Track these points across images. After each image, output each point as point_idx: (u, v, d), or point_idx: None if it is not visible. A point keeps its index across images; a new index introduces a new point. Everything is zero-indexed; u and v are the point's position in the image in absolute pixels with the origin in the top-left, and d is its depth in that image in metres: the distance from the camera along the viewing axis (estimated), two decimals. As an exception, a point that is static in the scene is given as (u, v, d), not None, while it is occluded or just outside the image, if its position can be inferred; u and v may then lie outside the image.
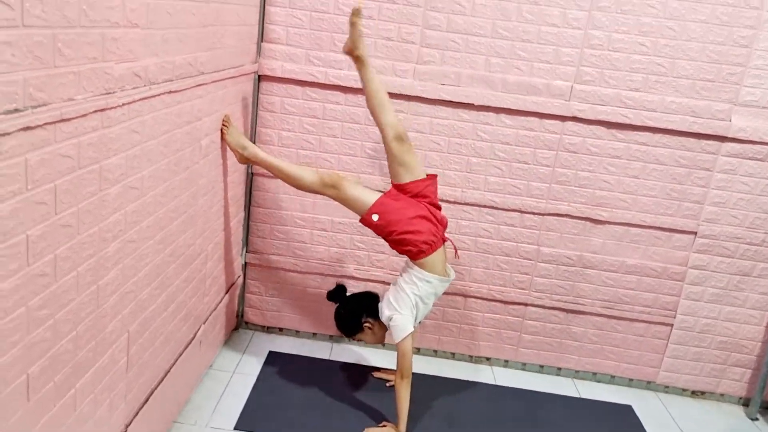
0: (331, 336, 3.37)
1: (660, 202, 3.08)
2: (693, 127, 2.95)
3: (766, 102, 2.92)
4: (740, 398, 3.30)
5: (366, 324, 2.69)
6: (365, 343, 2.80)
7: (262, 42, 2.93)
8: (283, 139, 3.06)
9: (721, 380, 3.28)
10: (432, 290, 2.60)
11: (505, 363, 3.37)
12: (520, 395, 3.12)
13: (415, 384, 2.66)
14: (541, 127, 3.00)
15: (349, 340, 3.35)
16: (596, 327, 3.26)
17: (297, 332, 3.37)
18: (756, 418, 3.19)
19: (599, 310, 3.22)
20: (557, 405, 3.08)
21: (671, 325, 3.23)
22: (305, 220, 3.16)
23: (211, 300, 2.78)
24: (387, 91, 2.71)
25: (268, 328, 3.38)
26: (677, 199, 3.07)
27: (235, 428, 2.59)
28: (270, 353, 3.18)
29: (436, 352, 3.37)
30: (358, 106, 3.00)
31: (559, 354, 3.32)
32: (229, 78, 2.53)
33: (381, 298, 2.70)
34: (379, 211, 2.51)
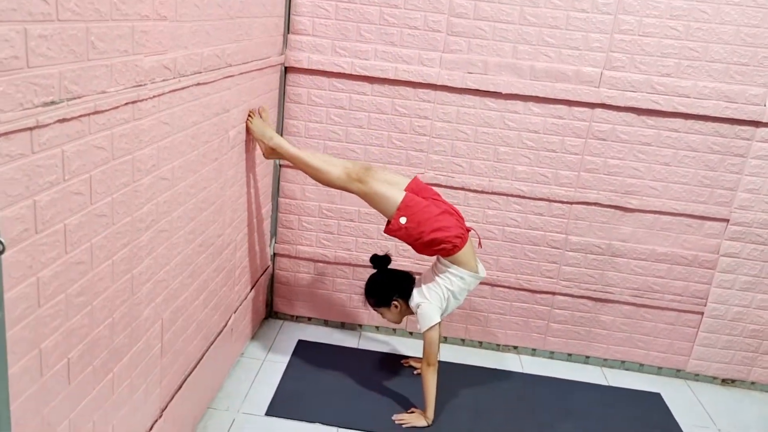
0: (360, 326, 3.40)
1: (692, 189, 3.03)
2: (726, 112, 2.89)
3: (802, 85, 2.85)
4: (774, 388, 3.26)
5: (394, 302, 2.70)
6: (382, 317, 2.80)
7: (288, 34, 2.95)
8: (310, 130, 3.08)
9: (752, 368, 3.23)
10: (465, 286, 2.61)
11: (532, 352, 3.36)
12: (547, 383, 3.11)
13: (442, 372, 2.67)
14: (570, 115, 2.97)
15: (377, 329, 3.38)
16: (625, 316, 3.23)
17: (326, 322, 3.41)
18: (790, 409, 3.14)
19: (628, 298, 3.19)
20: (585, 392, 3.07)
21: (702, 313, 3.19)
22: (332, 210, 3.19)
23: (242, 290, 2.82)
24: (411, 80, 2.73)
25: (297, 317, 3.42)
26: (709, 186, 3.02)
27: (266, 414, 2.64)
28: (299, 342, 3.22)
29: (463, 341, 3.38)
30: (384, 96, 3.00)
31: (588, 342, 3.30)
32: (257, 70, 2.55)
33: (416, 284, 2.71)
34: (407, 213, 2.49)
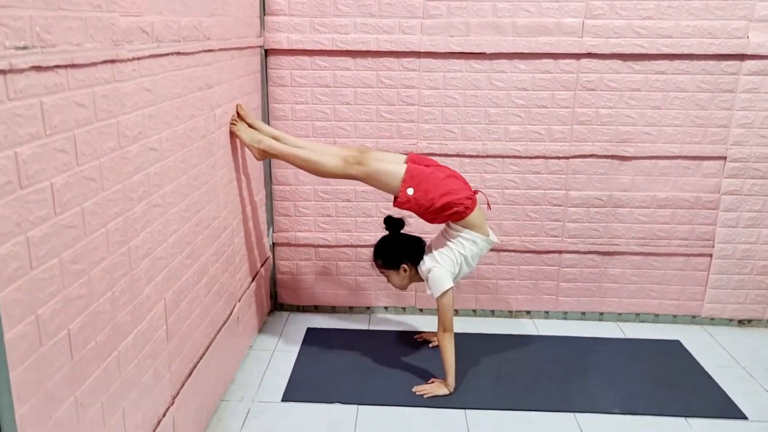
0: (368, 308, 3.34)
1: (685, 130, 3.00)
2: (711, 48, 2.87)
3: (783, 13, 2.83)
4: (792, 323, 3.22)
5: (403, 265, 2.64)
6: (388, 280, 2.73)
7: (265, 15, 2.91)
8: (296, 112, 3.04)
9: (767, 306, 3.20)
10: (478, 251, 2.56)
11: (545, 315, 3.31)
12: (564, 342, 3.06)
13: (458, 343, 2.62)
14: (557, 68, 2.94)
15: (386, 309, 3.32)
16: (634, 266, 3.19)
17: (333, 308, 3.35)
18: (811, 341, 3.10)
19: (635, 248, 3.15)
20: (604, 347, 3.02)
21: (710, 255, 3.15)
22: (328, 192, 3.14)
23: (243, 278, 2.77)
24: (394, 50, 2.72)
25: (303, 307, 3.36)
26: (702, 126, 2.99)
27: (283, 400, 2.57)
28: (308, 330, 3.16)
29: (475, 311, 3.33)
30: (369, 69, 2.97)
31: (600, 299, 3.25)
32: (236, 48, 2.52)
33: (426, 251, 2.65)
34: (413, 183, 2.45)
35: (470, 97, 2.99)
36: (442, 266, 2.53)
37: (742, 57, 2.89)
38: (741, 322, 3.24)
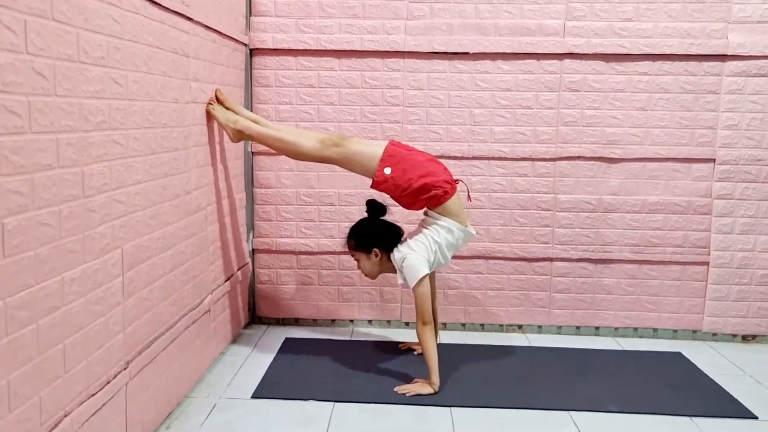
0: (352, 321, 3.17)
1: (672, 132, 2.97)
2: (691, 49, 2.88)
3: (759, 16, 2.88)
4: (798, 336, 3.04)
5: (375, 250, 2.51)
6: (358, 265, 2.59)
7: (251, 16, 2.95)
8: (280, 112, 3.02)
9: (772, 318, 3.04)
10: (452, 240, 2.45)
11: (538, 329, 3.14)
12: (559, 353, 2.88)
13: (445, 353, 2.50)
14: (540, 69, 2.95)
15: (369, 323, 3.16)
16: (629, 275, 3.06)
17: (314, 321, 3.19)
18: (820, 353, 2.92)
19: (628, 255, 3.03)
20: (600, 356, 2.84)
21: (707, 263, 3.03)
22: (311, 195, 3.06)
23: (217, 272, 2.64)
24: (378, 50, 2.78)
25: (283, 320, 3.20)
26: (689, 127, 2.96)
27: (253, 397, 2.38)
28: (287, 339, 2.98)
29: (464, 325, 3.16)
30: (353, 70, 2.97)
31: (595, 311, 3.10)
32: (218, 33, 2.52)
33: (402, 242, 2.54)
34: (391, 163, 2.39)
35: (455, 97, 2.98)
36: (416, 252, 2.41)
37: (723, 58, 2.90)
38: (745, 338, 3.07)
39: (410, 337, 2.99)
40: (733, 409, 2.35)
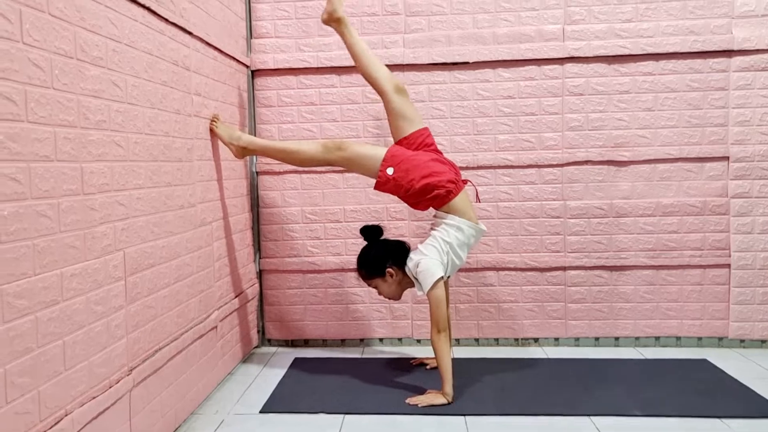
0: (362, 340, 3.10)
1: (682, 131, 2.92)
2: (695, 46, 2.86)
3: (763, 9, 2.86)
4: (829, 337, 2.91)
5: (389, 270, 2.46)
6: (378, 292, 2.53)
7: (252, 39, 2.99)
8: (283, 131, 3.03)
9: (801, 320, 2.91)
10: (464, 239, 2.39)
11: (555, 342, 3.04)
12: (577, 363, 2.77)
13: (459, 366, 2.43)
14: (541, 74, 2.94)
15: (381, 341, 3.08)
16: (647, 282, 2.97)
17: (324, 341, 3.12)
18: None
19: (645, 261, 2.95)
20: (622, 367, 2.72)
21: (728, 265, 2.93)
22: (316, 213, 3.04)
23: (225, 289, 2.60)
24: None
25: (292, 341, 3.13)
26: (699, 126, 2.92)
27: (261, 412, 2.31)
28: (296, 359, 2.91)
29: (477, 340, 3.07)
30: (354, 85, 2.98)
31: (613, 321, 2.99)
32: (218, 50, 2.55)
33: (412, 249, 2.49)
34: (393, 163, 2.38)
35: (456, 107, 2.97)
36: (428, 256, 2.36)
37: (729, 53, 2.88)
38: (773, 342, 2.95)
39: (423, 353, 2.91)
40: (764, 410, 2.23)
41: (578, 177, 2.96)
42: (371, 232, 2.56)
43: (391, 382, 2.56)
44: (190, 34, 2.25)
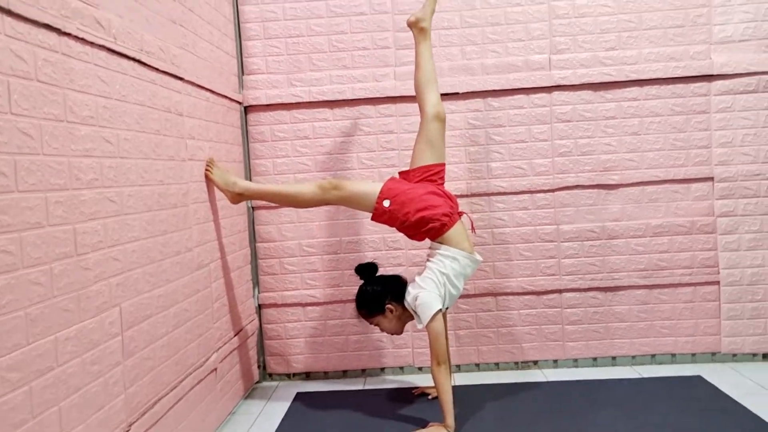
0: (364, 371, 3.13)
1: (667, 154, 2.97)
2: (677, 71, 2.92)
3: (739, 35, 2.92)
4: (821, 351, 2.96)
5: (388, 306, 2.49)
6: (381, 329, 2.57)
7: (243, 75, 3.04)
8: (278, 166, 3.06)
9: (792, 334, 2.96)
10: (460, 269, 2.43)
11: (554, 363, 3.07)
12: (576, 386, 2.81)
13: (460, 394, 2.46)
14: (530, 103, 2.99)
15: (382, 371, 3.11)
16: (640, 301, 3.01)
17: (325, 374, 3.14)
18: None
19: (637, 281, 2.99)
20: (619, 386, 2.76)
21: (717, 282, 2.98)
22: (313, 246, 3.07)
23: (224, 329, 2.62)
24: (369, 97, 2.88)
25: (293, 375, 3.15)
26: (684, 148, 2.97)
27: (264, 453, 2.33)
28: (298, 394, 2.93)
29: (478, 365, 3.10)
30: (347, 118, 3.03)
31: (610, 341, 3.03)
32: (210, 91, 2.59)
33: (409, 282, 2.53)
34: (389, 196, 2.43)
35: (448, 137, 2.98)
36: (426, 290, 2.40)
37: (709, 78, 2.94)
38: (765, 356, 2.99)
39: (425, 381, 2.94)
40: (758, 429, 2.26)
41: (570, 201, 3.00)
42: (366, 270, 2.60)
43: (394, 414, 2.59)
44: (181, 79, 2.29)
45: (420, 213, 2.38)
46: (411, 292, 2.45)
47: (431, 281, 2.41)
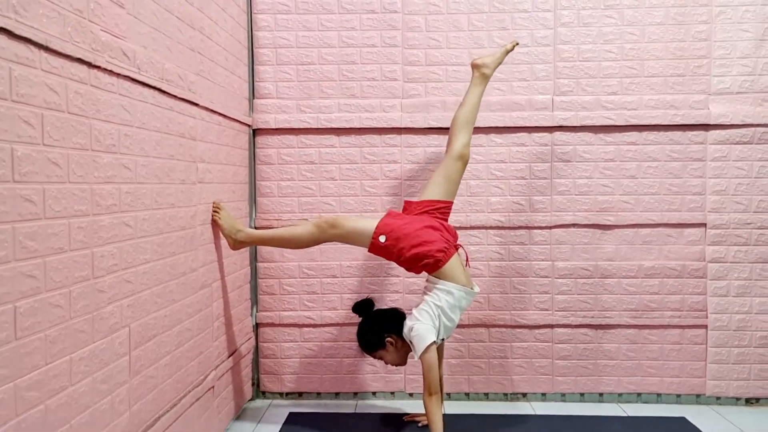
0: (356, 393, 3.18)
1: (662, 198, 3.06)
2: (675, 119, 3.01)
3: (737, 87, 3.02)
4: (804, 399, 3.03)
5: (388, 340, 2.56)
6: (384, 363, 2.64)
7: (254, 99, 3.11)
8: (282, 189, 3.13)
9: (776, 381, 3.03)
10: (455, 302, 2.49)
11: (542, 397, 3.13)
12: (563, 421, 2.86)
13: (449, 424, 2.50)
14: (531, 141, 3.07)
15: (374, 395, 3.16)
16: (629, 340, 3.08)
17: (318, 395, 3.19)
18: (826, 415, 2.90)
19: (628, 321, 3.06)
20: (605, 424, 2.82)
21: (705, 326, 3.05)
22: (313, 268, 3.13)
23: (222, 347, 2.68)
24: (376, 127, 2.94)
25: (286, 394, 3.20)
26: (679, 193, 3.05)
27: (255, 473, 2.38)
28: (290, 414, 2.98)
29: (468, 395, 3.16)
30: (352, 146, 3.10)
31: (598, 377, 3.10)
32: (223, 116, 2.66)
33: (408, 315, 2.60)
34: (385, 231, 2.50)
35: (450, 170, 3.08)
36: (421, 321, 2.46)
37: (706, 127, 3.03)
38: (749, 401, 3.06)
39: (415, 408, 2.99)
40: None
41: (566, 239, 3.08)
42: (363, 307, 2.68)
43: (382, 440, 2.64)
44: (196, 105, 2.36)
45: (414, 249, 2.45)
46: (407, 324, 2.52)
47: (426, 313, 2.47)
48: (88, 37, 1.58)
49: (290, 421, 2.89)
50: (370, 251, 2.54)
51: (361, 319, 2.69)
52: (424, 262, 2.47)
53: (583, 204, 3.07)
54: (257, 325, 3.17)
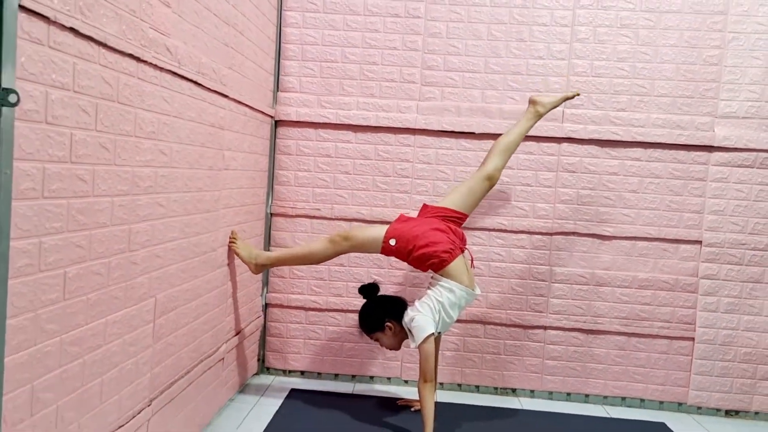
0: (354, 376, 3.35)
1: (662, 214, 3.20)
2: (680, 139, 3.15)
3: (743, 112, 3.14)
4: (780, 415, 3.18)
5: (388, 324, 2.73)
6: (380, 344, 2.81)
7: (278, 92, 3.27)
8: (299, 178, 3.30)
9: (753, 396, 3.18)
10: (455, 300, 2.65)
11: (531, 393, 3.30)
12: (549, 416, 3.03)
13: (442, 410, 2.65)
14: (540, 150, 3.22)
15: (371, 379, 3.34)
16: (618, 347, 3.23)
17: (319, 374, 3.37)
18: (800, 432, 3.04)
19: (618, 328, 3.22)
20: (588, 423, 2.99)
21: (692, 339, 3.20)
22: (322, 256, 3.30)
23: (233, 324, 2.86)
24: (391, 126, 3.09)
25: (289, 371, 3.38)
26: (678, 210, 3.19)
27: (257, 442, 2.56)
28: (292, 390, 3.17)
29: (460, 386, 3.33)
30: (368, 143, 3.26)
31: (585, 379, 3.26)
32: (249, 107, 2.82)
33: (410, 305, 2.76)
34: (395, 235, 2.67)
35: (460, 172, 3.24)
36: (422, 313, 2.62)
37: (710, 148, 3.16)
38: (728, 413, 3.21)
39: (409, 393, 3.16)
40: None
41: (565, 246, 3.23)
42: (368, 290, 2.85)
43: (379, 422, 2.82)
44: (226, 97, 2.52)
45: (421, 249, 2.61)
46: (409, 314, 2.68)
47: (428, 306, 2.64)
48: (139, 34, 1.74)
49: (291, 396, 3.07)
50: (382, 253, 2.71)
51: (365, 300, 2.85)
52: (431, 262, 2.63)
53: (584, 214, 3.21)
54: (266, 305, 3.35)
